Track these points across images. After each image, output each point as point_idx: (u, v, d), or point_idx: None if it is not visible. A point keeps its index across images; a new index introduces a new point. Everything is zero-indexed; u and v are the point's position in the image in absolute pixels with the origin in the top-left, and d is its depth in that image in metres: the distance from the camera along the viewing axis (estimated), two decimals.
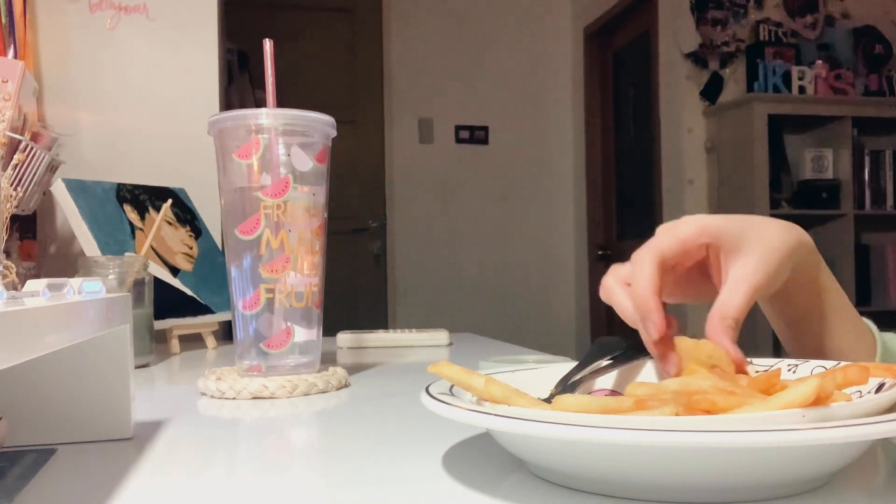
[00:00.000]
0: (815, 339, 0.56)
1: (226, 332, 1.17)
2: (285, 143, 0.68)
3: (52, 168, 1.10)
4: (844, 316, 0.57)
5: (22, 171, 1.00)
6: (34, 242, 1.23)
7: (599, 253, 3.83)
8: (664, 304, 0.47)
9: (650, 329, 0.45)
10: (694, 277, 0.52)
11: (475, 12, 3.90)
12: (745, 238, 0.48)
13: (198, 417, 0.59)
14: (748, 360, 0.48)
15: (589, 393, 0.48)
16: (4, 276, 0.85)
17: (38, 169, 1.03)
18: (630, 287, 0.47)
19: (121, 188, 1.08)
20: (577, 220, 4.03)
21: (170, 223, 1.12)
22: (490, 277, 3.90)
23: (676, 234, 0.48)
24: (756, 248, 0.48)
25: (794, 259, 0.50)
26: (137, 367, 0.85)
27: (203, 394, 0.67)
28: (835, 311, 0.56)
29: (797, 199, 3.12)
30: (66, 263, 1.22)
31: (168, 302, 1.02)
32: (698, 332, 0.46)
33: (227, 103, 1.95)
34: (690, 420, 0.33)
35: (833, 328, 0.56)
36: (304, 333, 0.69)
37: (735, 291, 0.47)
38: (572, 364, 0.49)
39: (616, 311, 0.49)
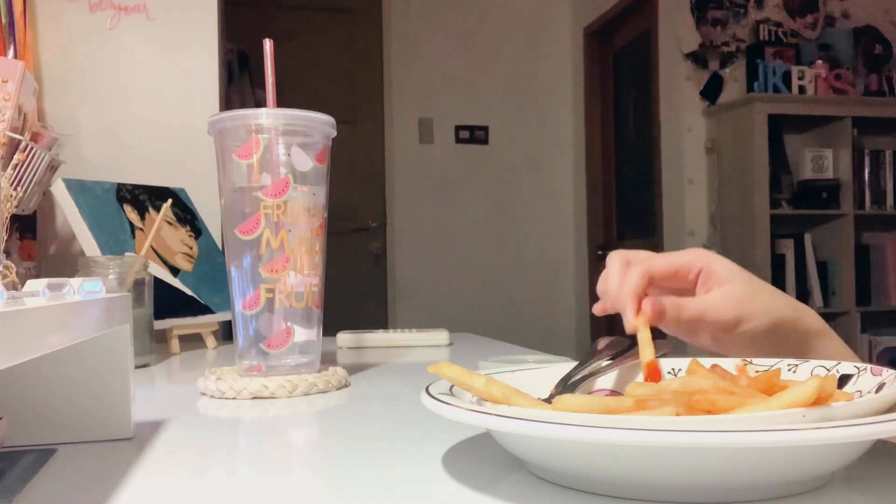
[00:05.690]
0: None
1: (226, 332, 1.17)
2: (285, 143, 0.68)
3: (52, 168, 1.10)
4: None
5: (22, 171, 1.00)
6: (34, 242, 1.23)
7: (599, 253, 3.83)
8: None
9: (625, 320, 0.50)
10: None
11: (475, 12, 3.89)
12: (736, 275, 0.52)
13: (198, 417, 0.59)
14: (748, 360, 0.48)
15: (589, 393, 0.48)
16: (4, 276, 0.85)
17: (38, 169, 1.03)
18: (621, 282, 0.51)
19: (121, 188, 1.08)
20: (577, 220, 4.03)
21: (170, 223, 1.12)
22: (490, 277, 3.90)
23: (672, 255, 0.54)
24: (739, 283, 0.52)
25: (774, 327, 0.53)
26: (137, 367, 0.85)
27: (203, 394, 0.67)
28: None
29: (797, 199, 3.12)
30: (66, 263, 1.22)
31: (168, 302, 1.02)
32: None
33: (227, 103, 1.95)
34: (691, 420, 0.33)
35: None
36: (304, 333, 0.69)
37: (693, 301, 0.51)
38: (572, 364, 0.49)
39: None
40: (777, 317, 0.52)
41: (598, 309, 0.54)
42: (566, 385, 0.47)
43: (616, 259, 0.53)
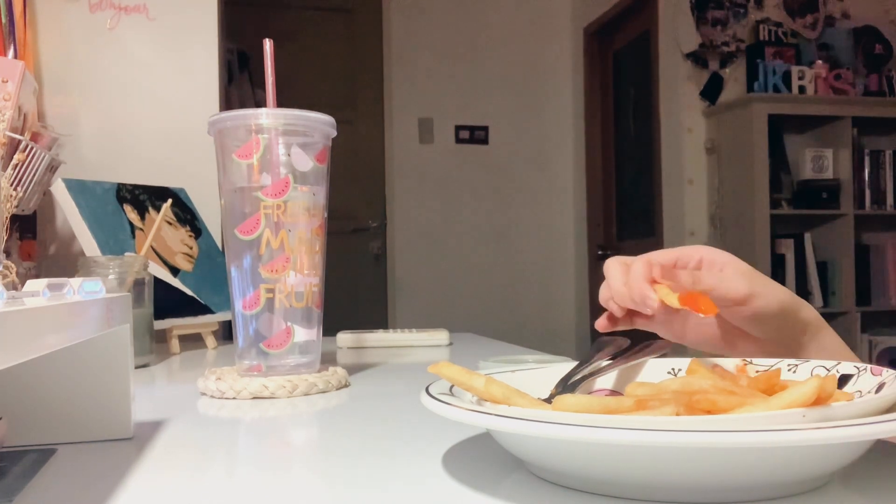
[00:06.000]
0: None
1: (226, 332, 1.17)
2: (285, 143, 0.68)
3: (52, 168, 1.10)
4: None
5: (22, 171, 1.00)
6: (34, 242, 1.23)
7: (599, 253, 3.83)
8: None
9: (649, 306, 0.49)
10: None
11: (475, 12, 3.89)
12: (738, 262, 0.53)
13: (198, 417, 0.59)
14: (748, 360, 0.48)
15: (589, 393, 0.48)
16: (4, 276, 0.85)
17: (38, 169, 1.03)
18: (626, 279, 0.51)
19: (121, 188, 1.08)
20: (577, 220, 4.02)
21: (170, 223, 1.12)
22: (490, 277, 3.89)
23: (673, 249, 0.54)
24: (743, 266, 0.53)
25: (780, 310, 0.53)
26: (137, 367, 0.85)
27: (203, 394, 0.67)
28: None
29: (797, 199, 3.12)
30: (66, 263, 1.22)
31: (168, 302, 1.02)
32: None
33: (227, 103, 1.95)
34: (691, 420, 0.33)
35: None
36: (304, 333, 0.69)
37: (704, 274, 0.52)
38: (572, 364, 0.49)
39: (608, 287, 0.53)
40: (781, 302, 0.53)
41: (602, 324, 0.53)
42: (566, 385, 0.47)
43: (614, 263, 0.53)
